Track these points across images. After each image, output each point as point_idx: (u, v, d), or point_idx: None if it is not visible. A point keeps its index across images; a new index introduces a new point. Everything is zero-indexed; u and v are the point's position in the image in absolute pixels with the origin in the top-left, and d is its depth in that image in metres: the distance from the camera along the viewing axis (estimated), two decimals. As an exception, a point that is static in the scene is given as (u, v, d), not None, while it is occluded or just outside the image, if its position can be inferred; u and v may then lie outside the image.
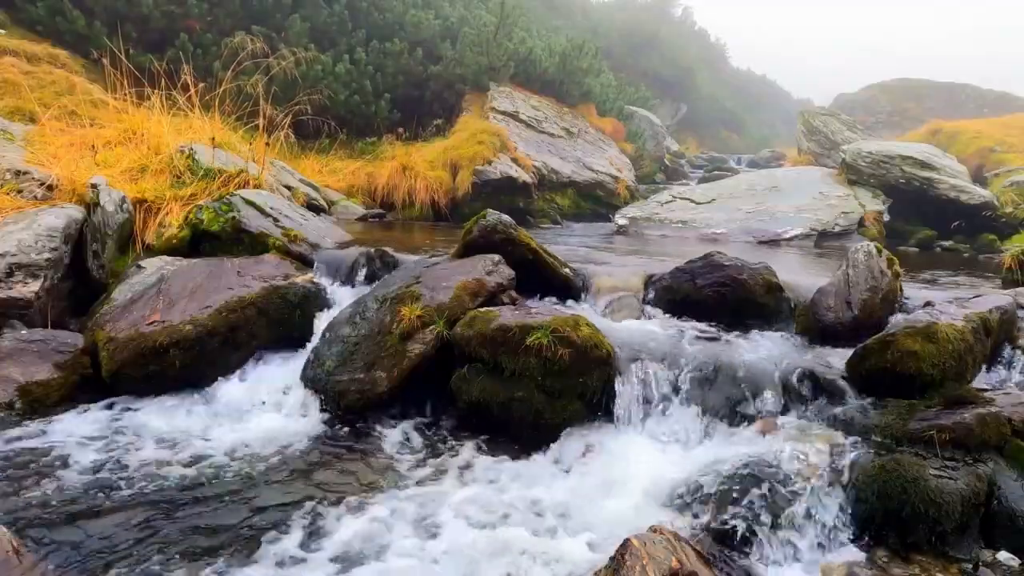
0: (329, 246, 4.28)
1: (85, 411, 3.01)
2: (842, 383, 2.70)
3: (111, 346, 3.20)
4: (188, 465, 2.58)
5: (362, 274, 3.91)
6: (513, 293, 3.54)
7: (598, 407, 2.89)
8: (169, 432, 2.87)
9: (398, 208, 7.27)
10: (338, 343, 3.22)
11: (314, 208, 5.74)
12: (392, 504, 2.38)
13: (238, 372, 3.31)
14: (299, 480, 2.52)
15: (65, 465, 2.52)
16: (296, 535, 2.16)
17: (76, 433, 2.79)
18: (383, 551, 2.11)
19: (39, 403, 2.98)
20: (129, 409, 3.06)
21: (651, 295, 3.69)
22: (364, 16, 9.41)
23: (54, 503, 2.26)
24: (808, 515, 2.21)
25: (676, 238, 6.84)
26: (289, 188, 5.75)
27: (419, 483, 2.55)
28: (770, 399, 2.73)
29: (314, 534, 2.18)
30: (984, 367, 2.91)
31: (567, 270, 3.81)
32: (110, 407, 3.06)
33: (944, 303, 3.02)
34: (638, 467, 2.56)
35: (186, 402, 3.15)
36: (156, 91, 5.31)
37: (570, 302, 3.71)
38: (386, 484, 2.53)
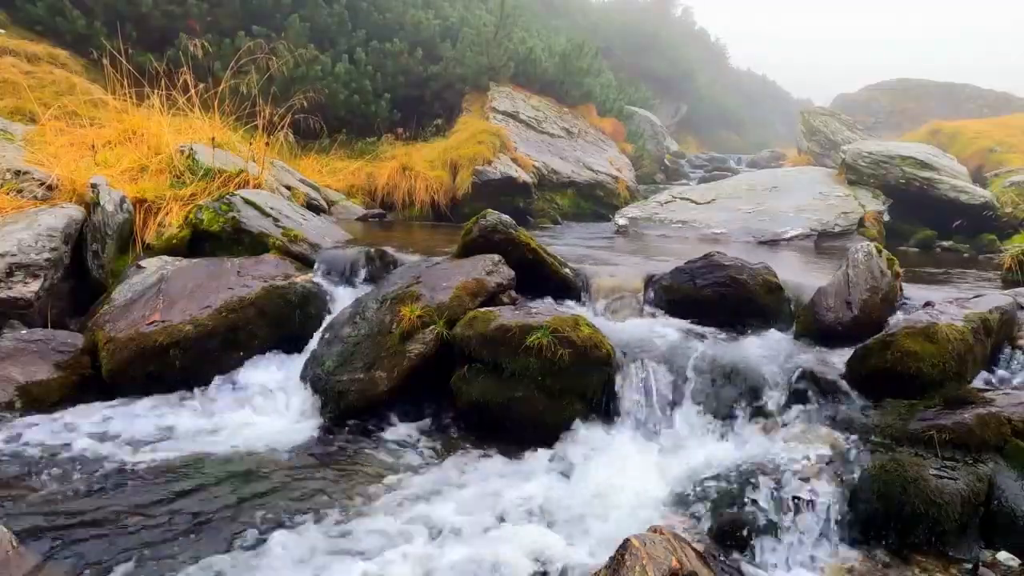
0: (329, 246, 4.27)
1: (85, 411, 3.00)
2: (842, 383, 2.70)
3: (111, 346, 3.20)
4: (188, 465, 2.58)
5: (362, 274, 3.91)
6: (513, 293, 3.54)
7: (598, 407, 2.89)
8: (169, 432, 2.87)
9: (398, 208, 7.26)
10: (338, 343, 3.22)
11: (314, 208, 5.74)
12: (391, 504, 2.38)
13: (238, 372, 3.31)
14: (299, 480, 2.52)
15: (64, 465, 2.52)
16: (296, 535, 2.16)
17: (76, 433, 2.79)
18: (382, 551, 2.11)
19: (39, 403, 2.98)
20: (129, 409, 3.05)
21: (651, 295, 3.69)
22: (364, 16, 9.41)
23: (54, 503, 2.26)
24: (808, 515, 2.21)
25: (676, 238, 6.84)
26: (289, 188, 5.75)
27: (418, 483, 2.55)
28: (770, 399, 2.73)
29: (313, 533, 2.18)
30: (984, 367, 2.91)
31: (567, 270, 3.81)
32: (110, 407, 3.06)
33: (944, 303, 3.02)
34: (638, 467, 2.56)
35: (186, 402, 3.15)
36: (156, 91, 5.31)
37: (570, 302, 3.71)
38: (385, 484, 2.53)
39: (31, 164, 4.12)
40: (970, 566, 2.09)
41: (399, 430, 2.99)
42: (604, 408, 2.88)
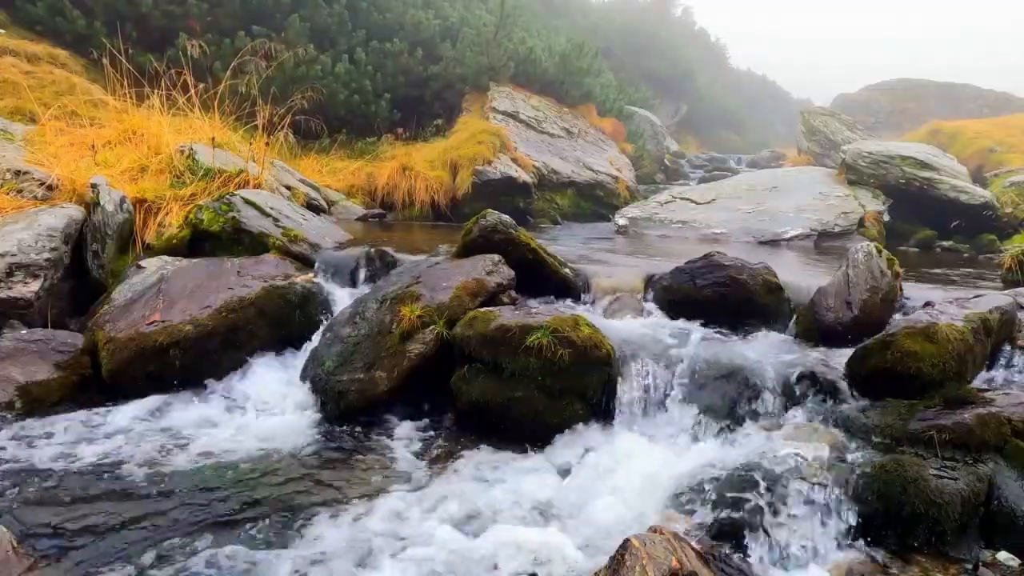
0: (329, 246, 4.28)
1: (85, 411, 3.01)
2: (842, 383, 2.70)
3: (111, 346, 3.19)
4: (187, 465, 2.58)
5: (362, 274, 3.92)
6: (513, 293, 3.54)
7: (598, 407, 2.89)
8: (169, 432, 2.87)
9: (398, 208, 7.26)
10: (338, 343, 3.22)
11: (314, 208, 5.74)
12: (391, 504, 2.38)
13: (238, 372, 3.31)
14: (299, 480, 2.52)
15: (65, 465, 2.52)
16: (296, 535, 2.16)
17: (76, 433, 2.79)
18: (381, 550, 2.11)
19: (39, 403, 2.98)
20: (129, 409, 3.05)
21: (651, 295, 3.69)
22: (364, 16, 9.41)
23: (54, 503, 2.26)
24: (808, 515, 2.20)
25: (676, 238, 6.84)
26: (289, 188, 5.75)
27: (419, 483, 2.55)
28: (770, 399, 2.73)
29: (313, 533, 2.18)
30: (984, 367, 2.91)
31: (567, 270, 3.81)
32: (110, 407, 3.06)
33: (944, 303, 3.02)
34: (638, 467, 2.56)
35: (186, 402, 3.15)
36: (156, 91, 5.31)
37: (570, 302, 3.71)
38: (385, 484, 2.53)
39: (31, 164, 4.12)
40: (970, 566, 2.09)
41: (399, 430, 2.99)
42: (604, 408, 2.88)
